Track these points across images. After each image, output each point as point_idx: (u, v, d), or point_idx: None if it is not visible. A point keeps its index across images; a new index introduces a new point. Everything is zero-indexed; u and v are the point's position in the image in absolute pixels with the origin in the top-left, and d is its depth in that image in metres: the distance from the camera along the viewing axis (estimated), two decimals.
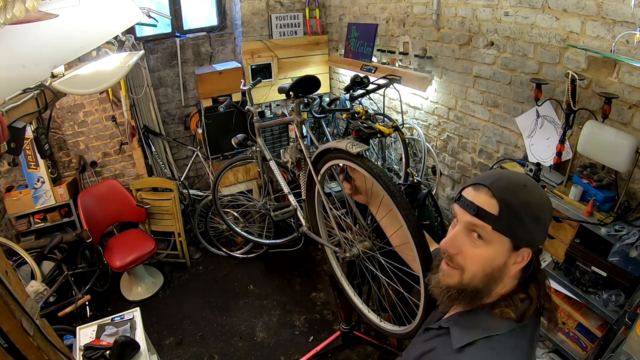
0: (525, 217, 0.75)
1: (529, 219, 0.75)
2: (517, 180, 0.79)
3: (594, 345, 1.69)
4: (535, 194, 0.78)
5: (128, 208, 3.31)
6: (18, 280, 1.29)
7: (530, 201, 0.76)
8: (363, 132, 1.99)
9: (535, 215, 0.76)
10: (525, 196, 0.76)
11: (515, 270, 0.79)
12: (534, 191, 0.78)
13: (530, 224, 0.75)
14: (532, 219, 0.75)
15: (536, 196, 0.77)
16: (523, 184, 0.78)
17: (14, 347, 1.16)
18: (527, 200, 0.76)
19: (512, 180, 0.79)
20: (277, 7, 3.62)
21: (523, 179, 0.80)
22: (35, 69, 1.59)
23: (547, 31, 1.80)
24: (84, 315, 2.70)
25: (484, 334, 0.77)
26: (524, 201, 0.75)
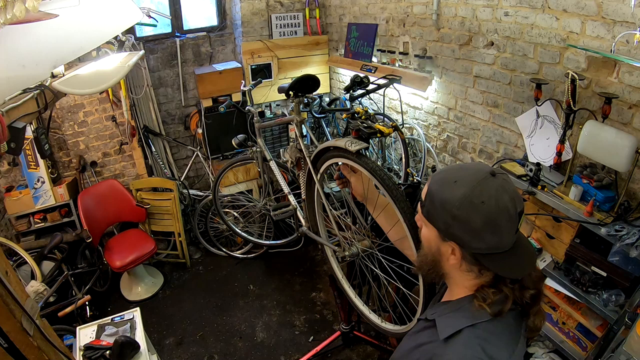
0: (440, 209, 0.78)
1: (445, 212, 0.77)
2: (453, 176, 0.80)
3: (594, 345, 1.69)
4: (461, 192, 0.76)
5: (128, 208, 3.31)
6: (18, 280, 1.29)
7: (449, 197, 0.77)
8: (363, 132, 1.99)
9: (452, 212, 0.76)
10: (449, 191, 0.77)
11: (452, 262, 0.82)
12: (463, 190, 0.76)
13: (447, 218, 0.78)
14: (449, 214, 0.77)
15: (461, 194, 0.75)
16: (454, 180, 0.78)
17: (14, 347, 1.16)
18: (447, 195, 0.77)
19: (450, 173, 0.82)
20: (277, 7, 3.62)
21: (460, 176, 0.79)
22: (35, 69, 1.59)
23: (547, 31, 1.80)
24: (84, 315, 2.70)
25: (469, 322, 0.79)
26: (443, 195, 0.78)
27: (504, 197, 0.74)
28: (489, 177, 0.76)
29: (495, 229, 0.75)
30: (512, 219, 0.75)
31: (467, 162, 2.53)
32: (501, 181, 0.76)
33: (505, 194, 0.74)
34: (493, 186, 0.75)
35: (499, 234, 0.75)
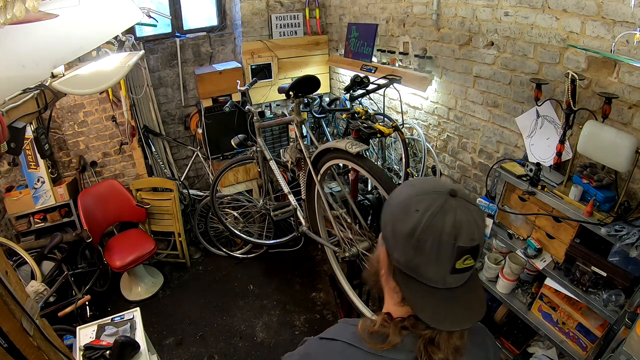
0: (384, 207, 0.73)
1: (386, 210, 0.72)
2: (417, 180, 0.76)
3: (594, 345, 1.69)
4: (407, 193, 0.69)
5: (128, 208, 3.31)
6: (18, 280, 1.29)
7: (396, 196, 0.72)
8: (363, 132, 1.99)
9: (390, 210, 0.71)
10: (400, 191, 0.73)
11: (383, 273, 0.74)
12: (410, 191, 0.69)
13: (386, 216, 0.71)
14: (388, 212, 0.71)
15: (406, 195, 0.69)
16: (412, 184, 0.73)
17: (14, 347, 1.16)
18: (395, 194, 0.73)
19: (417, 179, 0.78)
20: (277, 7, 3.62)
21: (422, 181, 0.73)
22: (35, 69, 1.60)
23: (547, 31, 1.80)
24: (84, 315, 2.70)
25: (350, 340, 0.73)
26: (393, 194, 0.73)
27: (445, 218, 0.63)
28: (446, 193, 0.65)
29: (419, 246, 0.64)
30: (444, 246, 0.63)
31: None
32: (455, 204, 0.64)
33: (450, 216, 0.63)
34: (440, 203, 0.64)
35: (423, 255, 0.64)
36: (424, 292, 0.66)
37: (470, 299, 0.69)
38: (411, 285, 0.67)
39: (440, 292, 0.66)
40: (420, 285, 0.66)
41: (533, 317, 1.95)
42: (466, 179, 2.58)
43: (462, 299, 0.68)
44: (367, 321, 0.74)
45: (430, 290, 0.66)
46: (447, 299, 0.66)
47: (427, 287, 0.66)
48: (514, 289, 2.08)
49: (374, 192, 2.51)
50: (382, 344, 0.69)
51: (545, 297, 1.88)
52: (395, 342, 0.69)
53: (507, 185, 1.99)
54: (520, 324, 2.16)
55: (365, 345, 0.70)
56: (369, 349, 0.70)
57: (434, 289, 0.66)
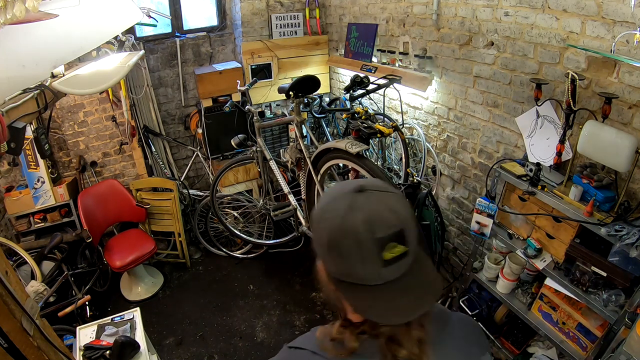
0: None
1: (311, 223, 0.71)
2: (336, 185, 0.75)
3: (594, 345, 1.69)
4: (322, 202, 0.69)
5: (128, 208, 3.31)
6: (18, 280, 1.29)
7: (317, 206, 0.71)
8: (363, 132, 2.00)
9: (312, 224, 0.70)
10: (320, 200, 0.71)
11: (330, 290, 0.72)
12: (325, 200, 0.69)
13: (312, 228, 0.71)
14: (312, 225, 0.71)
15: (321, 204, 0.69)
16: (330, 190, 0.72)
17: (14, 347, 1.16)
18: (317, 204, 0.71)
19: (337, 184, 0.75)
20: (277, 7, 3.62)
21: (336, 185, 0.72)
22: (35, 69, 1.60)
23: (547, 31, 1.81)
24: (84, 315, 2.70)
25: (313, 348, 0.71)
26: (317, 204, 0.72)
27: (354, 216, 0.61)
28: (352, 192, 0.64)
29: (340, 252, 0.63)
30: (364, 244, 0.61)
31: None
32: (363, 199, 0.63)
33: (360, 213, 0.61)
34: (347, 203, 0.63)
35: (347, 259, 0.63)
36: (365, 292, 0.65)
37: (416, 285, 0.66)
38: (352, 290, 0.66)
39: (381, 288, 0.64)
40: (360, 287, 0.65)
41: (533, 317, 1.95)
42: (466, 179, 2.58)
43: (408, 288, 0.65)
44: (327, 328, 0.73)
45: (371, 289, 0.64)
46: (390, 292, 0.65)
47: (367, 287, 0.65)
48: (514, 289, 2.09)
49: None
50: (341, 350, 0.68)
51: (545, 297, 1.89)
52: (353, 347, 0.67)
53: (507, 185, 1.99)
54: (520, 324, 2.16)
55: (326, 353, 0.69)
56: (331, 357, 0.69)
57: (374, 287, 0.64)
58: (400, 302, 0.65)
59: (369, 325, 0.68)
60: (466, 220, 2.65)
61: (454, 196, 2.72)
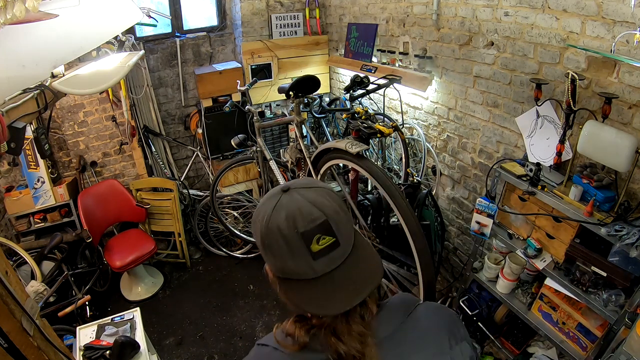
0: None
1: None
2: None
3: (594, 345, 1.69)
4: (257, 208, 0.72)
5: (128, 208, 3.31)
6: (18, 280, 1.29)
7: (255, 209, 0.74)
8: (363, 132, 1.99)
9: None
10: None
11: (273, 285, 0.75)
12: (258, 205, 0.72)
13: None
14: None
15: (256, 208, 0.72)
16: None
17: (14, 347, 1.16)
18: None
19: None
20: (277, 7, 3.62)
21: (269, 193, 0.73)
22: (35, 69, 1.60)
23: (547, 31, 1.81)
24: (84, 315, 2.70)
25: (275, 345, 0.74)
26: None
27: (278, 215, 0.65)
28: (279, 193, 0.68)
29: (272, 251, 0.66)
30: (290, 239, 0.64)
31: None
32: (287, 198, 0.67)
33: (282, 212, 0.65)
34: (272, 204, 0.67)
35: (279, 256, 0.66)
36: (303, 287, 0.67)
37: (352, 276, 0.68)
38: (292, 286, 0.69)
39: (318, 281, 0.66)
40: (297, 282, 0.67)
41: (533, 317, 1.95)
42: (466, 179, 2.58)
43: (344, 278, 0.67)
44: (283, 324, 0.75)
45: (308, 283, 0.67)
46: (328, 285, 0.66)
47: (304, 282, 0.67)
48: (514, 289, 2.09)
49: (374, 192, 2.52)
50: (294, 345, 0.70)
51: (545, 297, 1.89)
52: (304, 341, 0.69)
53: (507, 185, 1.99)
54: (520, 324, 2.16)
55: (284, 348, 0.71)
56: (287, 352, 0.70)
57: (311, 281, 0.66)
58: (337, 293, 0.67)
59: (316, 319, 0.70)
60: (466, 220, 2.65)
61: (454, 196, 2.72)
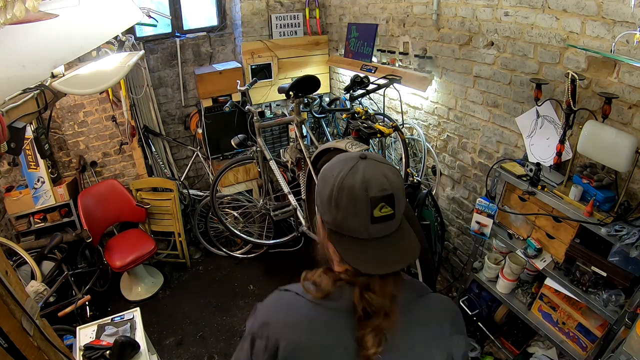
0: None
1: (317, 182, 0.82)
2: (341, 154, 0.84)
3: (594, 345, 1.69)
4: (327, 165, 0.79)
5: (128, 208, 3.31)
6: (18, 280, 1.29)
7: (323, 169, 0.80)
8: (363, 132, 2.00)
9: (318, 182, 0.80)
10: (325, 166, 0.81)
11: (322, 238, 0.83)
12: (330, 163, 0.79)
13: (317, 187, 0.81)
14: (317, 183, 0.81)
15: (325, 167, 0.79)
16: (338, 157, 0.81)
17: (14, 347, 1.16)
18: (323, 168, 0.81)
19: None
20: (277, 7, 3.62)
21: (342, 155, 0.81)
22: (35, 69, 1.59)
23: (547, 31, 1.81)
24: (84, 315, 2.70)
25: (297, 291, 0.81)
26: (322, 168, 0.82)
27: (354, 176, 0.72)
28: (356, 158, 0.76)
29: (337, 205, 0.73)
30: (358, 199, 0.71)
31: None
32: (364, 164, 0.74)
33: (358, 175, 0.72)
34: (350, 165, 0.74)
35: (342, 211, 0.73)
36: (353, 244, 0.75)
37: (397, 247, 0.76)
38: (342, 241, 0.76)
39: (367, 242, 0.74)
40: (349, 238, 0.75)
41: (533, 317, 1.95)
42: (466, 179, 2.58)
43: (390, 247, 0.75)
44: (310, 272, 0.82)
45: (357, 241, 0.74)
46: (374, 247, 0.74)
47: (355, 240, 0.75)
48: (514, 289, 2.09)
49: None
50: (318, 292, 0.77)
51: (545, 297, 1.89)
52: (328, 289, 0.76)
53: (507, 185, 1.99)
54: (520, 324, 2.17)
55: (308, 294, 0.78)
56: (311, 298, 0.77)
57: (361, 241, 0.74)
58: (382, 256, 0.75)
59: (349, 274, 0.76)
60: (466, 220, 2.65)
61: (454, 196, 2.72)
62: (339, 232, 0.76)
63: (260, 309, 0.83)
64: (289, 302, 0.81)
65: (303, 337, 0.76)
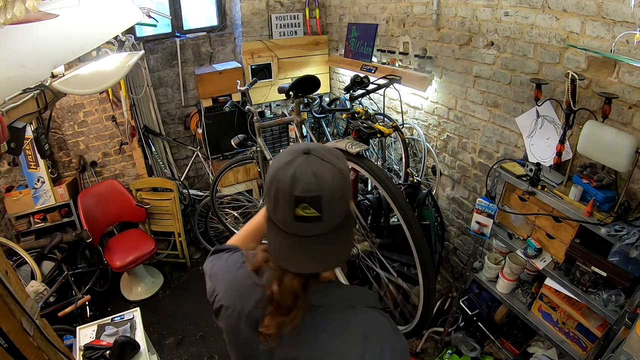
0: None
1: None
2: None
3: (594, 345, 1.69)
4: (279, 154, 0.80)
5: (128, 208, 3.31)
6: (18, 280, 1.29)
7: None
8: (363, 132, 1.99)
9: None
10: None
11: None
12: (281, 153, 0.79)
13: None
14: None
15: (279, 155, 0.80)
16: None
17: (14, 347, 1.16)
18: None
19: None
20: (277, 7, 3.62)
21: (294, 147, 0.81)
22: (35, 69, 1.59)
23: (547, 31, 1.81)
24: (84, 315, 2.70)
25: (242, 257, 0.91)
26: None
27: (286, 171, 0.71)
28: (300, 152, 0.74)
29: (268, 194, 0.74)
30: (283, 194, 0.71)
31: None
32: (302, 160, 0.72)
33: (290, 170, 0.71)
34: (289, 159, 0.72)
35: (270, 201, 0.74)
36: (280, 234, 0.76)
37: (319, 250, 0.75)
38: (273, 229, 0.78)
39: (289, 236, 0.75)
40: (278, 229, 0.76)
41: (533, 317, 1.95)
42: (466, 179, 2.58)
43: (312, 248, 0.75)
44: (260, 245, 0.91)
45: (283, 234, 0.75)
46: (296, 244, 0.75)
47: (280, 230, 0.76)
48: (514, 289, 2.09)
49: (374, 192, 2.51)
50: (251, 263, 0.84)
51: (545, 297, 1.89)
52: (259, 265, 0.83)
53: (507, 185, 1.99)
54: (520, 324, 2.17)
55: (247, 263, 0.86)
56: (246, 267, 0.85)
57: (285, 233, 0.75)
58: (299, 255, 0.76)
59: (273, 260, 0.80)
60: (466, 220, 2.65)
61: (454, 196, 2.72)
62: (270, 219, 0.78)
63: (218, 259, 0.97)
64: (235, 262, 0.90)
65: (229, 297, 0.85)
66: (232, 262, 0.92)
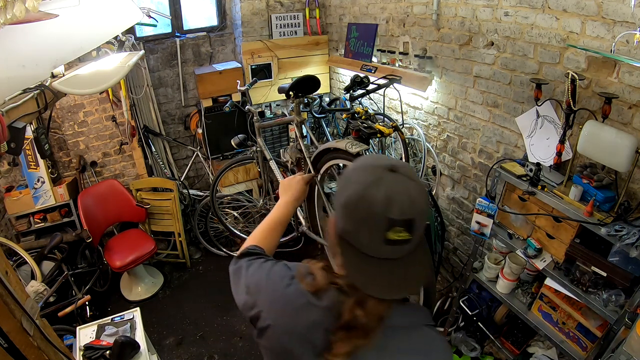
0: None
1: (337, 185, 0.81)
2: (370, 156, 0.83)
3: (594, 345, 1.69)
4: (352, 165, 0.76)
5: (128, 208, 3.31)
6: (18, 280, 1.29)
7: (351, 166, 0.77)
8: (363, 132, 2.00)
9: (339, 181, 0.78)
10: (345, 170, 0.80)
11: (331, 237, 0.79)
12: (356, 164, 0.75)
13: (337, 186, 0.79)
14: (338, 183, 0.79)
15: (350, 167, 0.76)
16: (359, 159, 0.79)
17: (14, 347, 1.16)
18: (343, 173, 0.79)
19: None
20: (277, 7, 3.62)
21: (361, 159, 0.80)
22: (35, 69, 1.60)
23: (547, 31, 1.81)
24: (84, 315, 2.70)
25: (293, 273, 0.82)
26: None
27: (378, 190, 0.65)
28: (385, 168, 0.68)
29: (352, 215, 0.68)
30: (375, 217, 0.65)
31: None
32: (392, 178, 0.67)
33: (383, 189, 0.65)
34: (377, 176, 0.67)
35: (356, 223, 0.68)
36: (359, 257, 0.70)
37: (406, 272, 0.71)
38: (348, 251, 0.71)
39: (374, 260, 0.69)
40: (356, 250, 0.70)
41: (533, 317, 1.95)
42: (466, 179, 2.58)
43: (397, 270, 0.70)
44: (312, 262, 0.81)
45: (364, 257, 0.69)
46: (381, 267, 0.69)
47: (363, 255, 0.69)
48: (514, 289, 2.09)
49: None
50: (308, 284, 0.76)
51: (545, 297, 1.89)
52: (320, 287, 0.74)
53: (507, 185, 1.99)
54: (520, 324, 2.17)
55: (300, 283, 0.77)
56: (301, 287, 0.77)
57: (369, 257, 0.69)
58: (386, 280, 0.70)
59: (346, 282, 0.73)
60: (466, 220, 2.65)
61: (454, 196, 2.72)
62: (347, 241, 0.71)
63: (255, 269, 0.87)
64: (282, 277, 0.81)
65: (277, 317, 0.77)
66: (277, 276, 0.83)
